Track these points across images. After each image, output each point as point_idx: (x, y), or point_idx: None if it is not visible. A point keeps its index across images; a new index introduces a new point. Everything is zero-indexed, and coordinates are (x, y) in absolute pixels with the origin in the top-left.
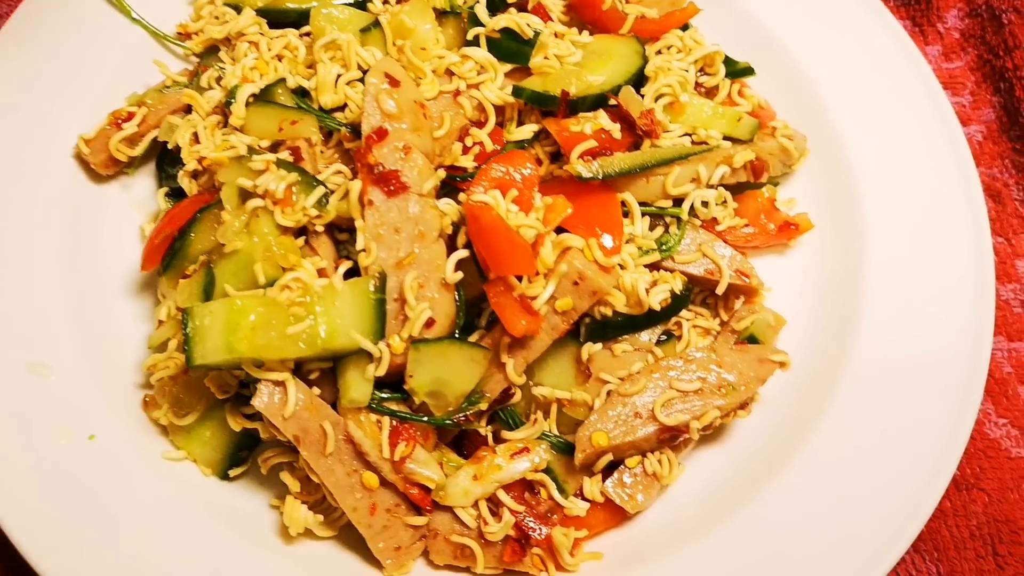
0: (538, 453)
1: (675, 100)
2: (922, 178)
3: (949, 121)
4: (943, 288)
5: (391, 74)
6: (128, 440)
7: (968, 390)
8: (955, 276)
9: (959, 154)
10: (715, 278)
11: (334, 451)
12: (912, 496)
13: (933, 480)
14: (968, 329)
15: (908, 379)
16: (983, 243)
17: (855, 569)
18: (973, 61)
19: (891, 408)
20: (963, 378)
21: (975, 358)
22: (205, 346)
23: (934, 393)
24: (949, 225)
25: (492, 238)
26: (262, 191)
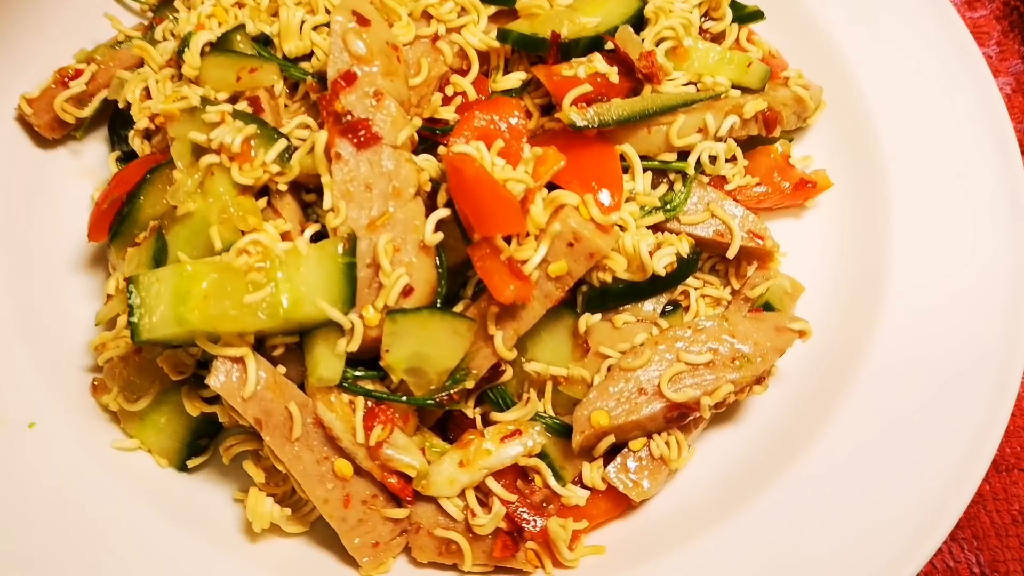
0: (531, 436)
1: (678, 44)
2: (951, 133)
3: (979, 69)
4: (976, 251)
5: (360, 12)
6: (74, 428)
7: (1008, 362)
8: (989, 239)
9: (991, 106)
10: (725, 240)
11: (302, 436)
12: (948, 480)
13: (972, 462)
14: (1005, 296)
15: (941, 352)
16: (1019, 198)
17: (885, 563)
18: (999, 9)
19: (923, 384)
20: (1002, 350)
21: (1015, 327)
22: (152, 319)
23: (970, 366)
24: (982, 183)
25: (476, 194)
26: (217, 146)
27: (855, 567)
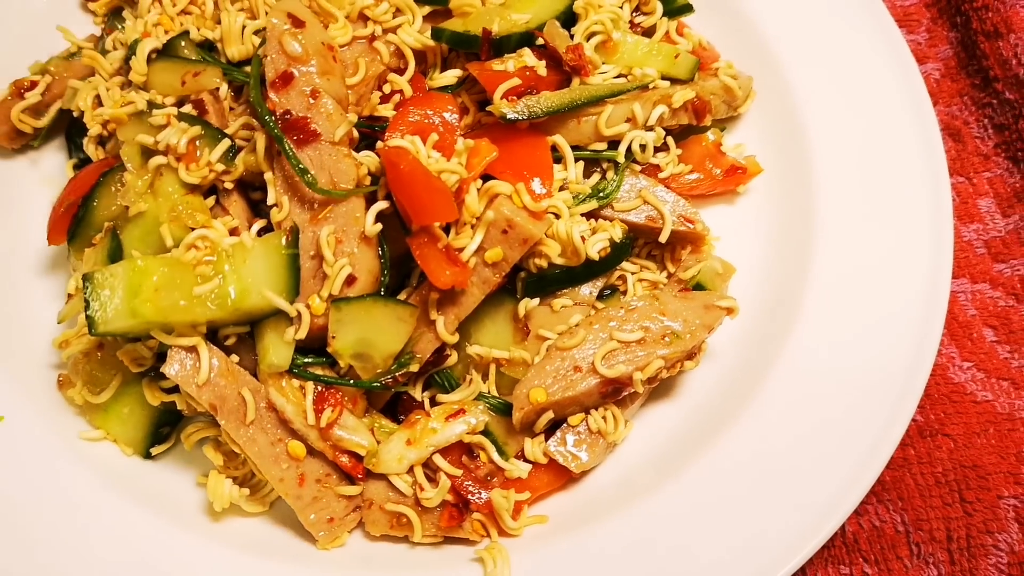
0: (475, 414)
1: (608, 38)
2: (875, 117)
3: (903, 57)
4: (899, 230)
5: (295, 14)
6: (42, 421)
7: (926, 333)
8: (911, 217)
9: (914, 91)
10: (657, 225)
11: (255, 419)
12: (869, 442)
13: (890, 425)
14: (925, 270)
15: (864, 323)
16: (940, 182)
17: (813, 518)
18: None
19: (846, 353)
20: (920, 320)
21: (933, 299)
22: (107, 312)
23: (891, 337)
24: (904, 166)
25: (411, 185)
26: (164, 147)
27: (785, 521)
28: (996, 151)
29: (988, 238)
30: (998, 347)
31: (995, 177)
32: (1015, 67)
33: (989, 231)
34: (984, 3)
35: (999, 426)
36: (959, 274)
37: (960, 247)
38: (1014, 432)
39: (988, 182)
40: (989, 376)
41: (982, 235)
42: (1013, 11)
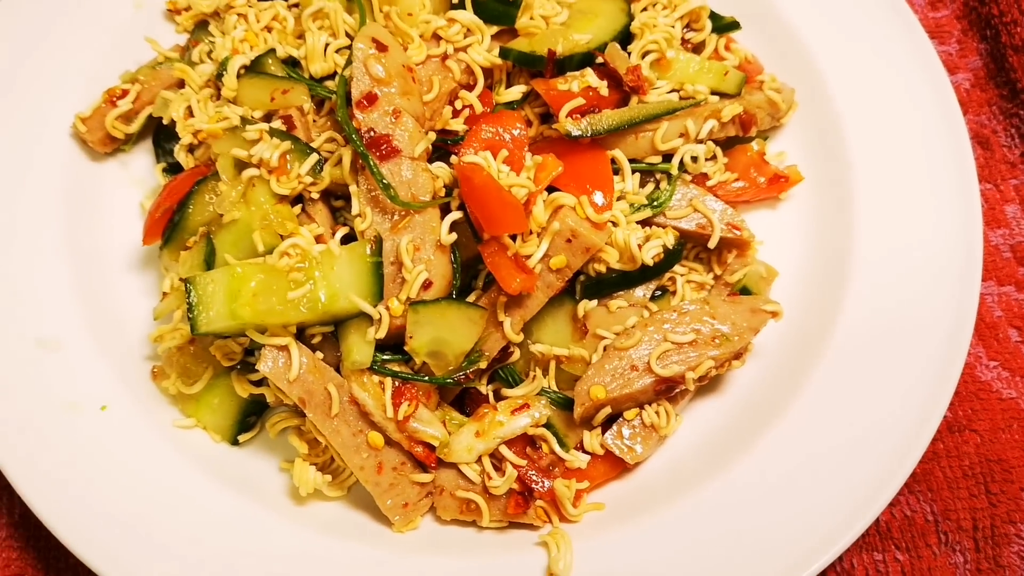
0: (538, 408)
1: (662, 56)
2: (909, 127)
3: (935, 69)
4: (932, 235)
5: (378, 39)
6: (139, 410)
7: (957, 334)
8: (943, 222)
9: (946, 102)
10: (707, 232)
11: (339, 412)
12: (904, 438)
13: (924, 422)
14: (956, 274)
15: (899, 325)
16: (970, 189)
17: (851, 508)
18: (959, 9)
19: (883, 354)
20: (952, 322)
21: (963, 302)
22: (209, 314)
23: (924, 338)
24: (936, 173)
25: (484, 198)
26: (257, 160)
27: (826, 511)
28: (1022, 159)
29: (1014, 243)
30: (1022, 346)
31: (1021, 184)
32: None
33: (1015, 236)
34: (1013, 18)
35: (1022, 422)
36: (986, 277)
37: (988, 251)
38: None
39: (1015, 189)
40: (1014, 375)
41: (1008, 240)
42: None
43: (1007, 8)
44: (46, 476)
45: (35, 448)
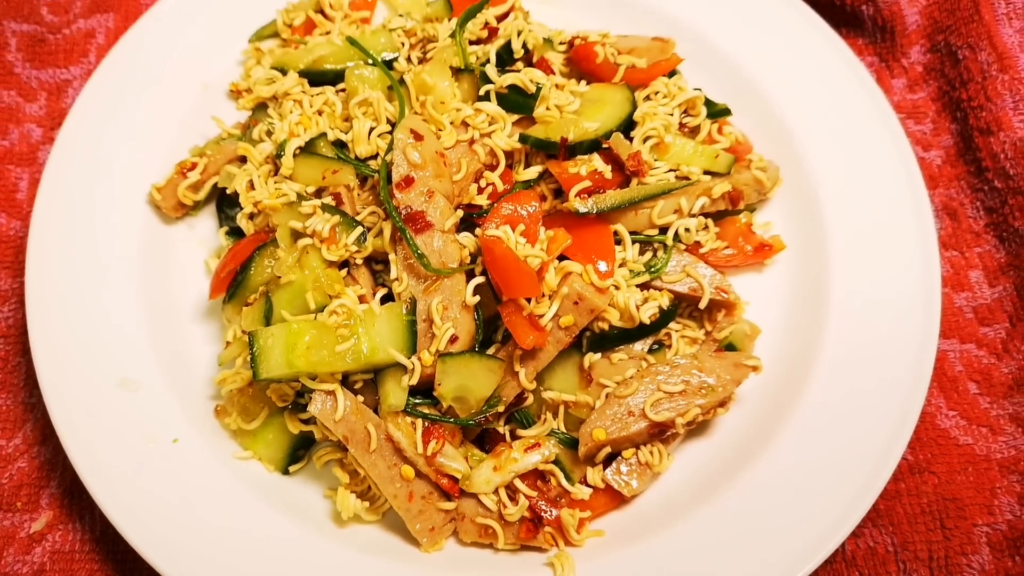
0: (548, 447)
1: (660, 141)
2: (880, 203)
3: (904, 150)
4: (896, 299)
5: (415, 130)
6: (205, 443)
7: (914, 386)
8: (907, 288)
9: (912, 180)
10: (698, 295)
11: (377, 448)
12: (866, 476)
13: (884, 463)
14: (917, 333)
15: (865, 378)
16: (932, 259)
17: (817, 537)
18: (934, 92)
19: (850, 404)
20: (911, 377)
21: (921, 358)
22: (269, 363)
23: (887, 389)
24: (903, 244)
25: (504, 267)
26: (311, 231)
27: (797, 538)
28: (986, 230)
29: (976, 304)
30: (980, 399)
31: (984, 252)
32: (1002, 160)
33: (977, 299)
34: (980, 103)
35: (977, 466)
36: (950, 335)
37: (952, 312)
38: (989, 471)
39: (978, 256)
40: (971, 423)
41: (971, 302)
42: (1003, 112)
43: (975, 94)
44: (126, 498)
45: (117, 473)
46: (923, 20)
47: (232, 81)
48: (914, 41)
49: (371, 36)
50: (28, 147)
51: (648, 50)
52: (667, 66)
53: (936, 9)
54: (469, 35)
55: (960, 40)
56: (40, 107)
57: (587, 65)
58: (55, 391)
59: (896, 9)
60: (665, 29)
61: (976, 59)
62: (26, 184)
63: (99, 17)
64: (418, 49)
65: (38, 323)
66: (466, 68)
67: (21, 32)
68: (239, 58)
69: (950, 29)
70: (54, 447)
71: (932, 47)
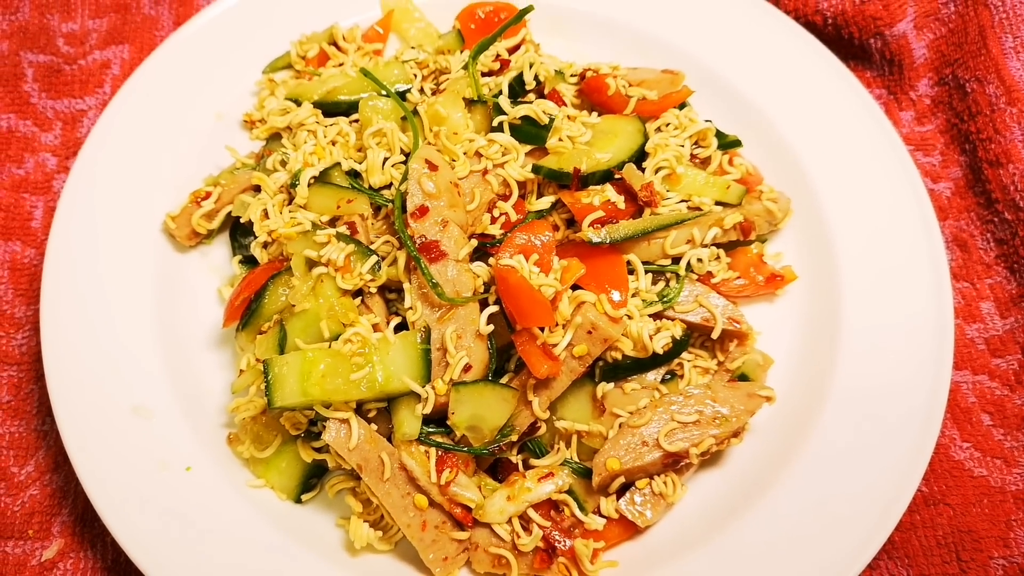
0: (561, 477)
1: (672, 172)
2: (891, 233)
3: (915, 182)
4: (909, 330)
5: (430, 160)
6: (218, 471)
7: (929, 417)
8: (920, 319)
9: (923, 211)
10: (711, 324)
11: (390, 477)
12: (881, 509)
13: (899, 494)
14: (930, 365)
15: (879, 409)
16: (943, 290)
17: (833, 569)
18: (943, 125)
19: (864, 435)
20: (925, 408)
21: (935, 389)
22: (284, 391)
23: (901, 421)
24: (914, 274)
25: (517, 296)
26: (325, 260)
27: (810, 571)
28: (997, 261)
29: (988, 336)
30: (993, 430)
31: (995, 284)
32: (1012, 192)
33: (989, 330)
34: (988, 135)
35: (992, 498)
36: (962, 366)
37: (964, 343)
38: (1004, 503)
39: (990, 288)
40: (985, 455)
41: (983, 333)
42: (1012, 144)
43: (983, 126)
44: (139, 526)
45: (130, 501)
46: (931, 53)
47: (246, 112)
48: (922, 74)
49: (384, 68)
50: (43, 176)
51: (658, 82)
52: (678, 98)
53: (944, 43)
54: (481, 67)
55: (968, 73)
56: (55, 137)
57: (599, 97)
58: (68, 418)
59: (904, 43)
60: (675, 61)
61: (984, 92)
62: (41, 212)
63: (114, 48)
64: (431, 81)
65: (52, 350)
66: (479, 99)
67: (38, 63)
68: (253, 89)
69: (958, 62)
70: (66, 475)
71: (940, 80)
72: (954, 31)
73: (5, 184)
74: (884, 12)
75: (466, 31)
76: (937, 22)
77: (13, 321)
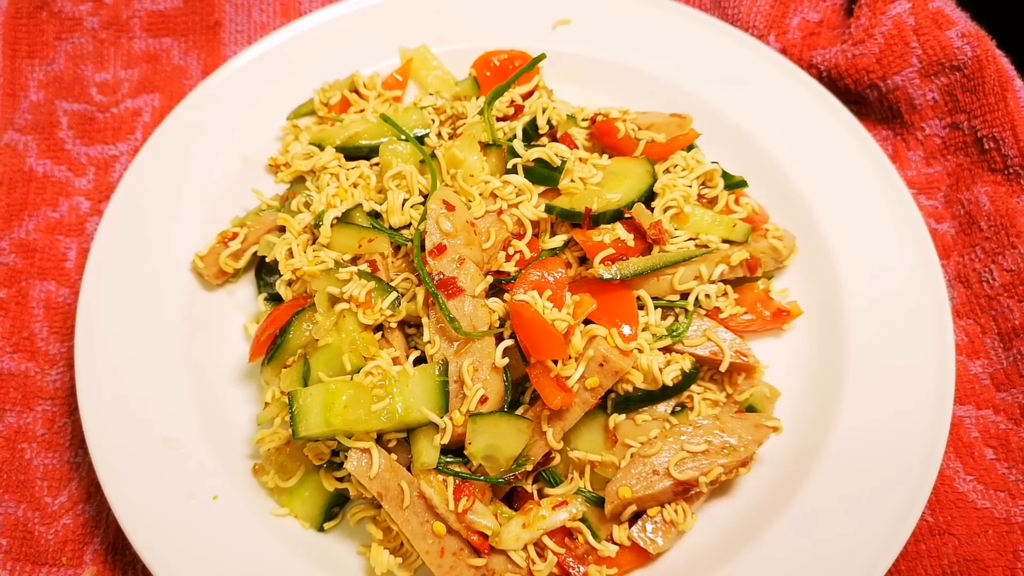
0: (575, 505)
1: (680, 211)
2: (894, 270)
3: (917, 221)
4: (912, 365)
5: (447, 201)
6: (244, 500)
7: (931, 449)
8: (921, 355)
9: (926, 252)
10: (719, 358)
11: (410, 505)
12: (886, 537)
13: (903, 523)
14: (932, 399)
15: (883, 441)
16: (945, 326)
17: None
18: (951, 168)
19: (868, 465)
20: (928, 439)
21: (937, 422)
22: (308, 421)
23: (905, 451)
24: (917, 311)
25: (531, 330)
26: (348, 296)
27: None
28: (999, 292)
29: (992, 371)
30: (996, 464)
31: (999, 315)
32: None
33: (994, 364)
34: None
35: (997, 528)
36: (966, 401)
37: (968, 379)
38: (1010, 534)
39: (993, 320)
40: (988, 488)
41: (987, 368)
42: None
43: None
44: (168, 553)
45: (159, 529)
46: (941, 97)
47: (271, 156)
48: (929, 116)
49: (403, 113)
50: (77, 219)
51: (667, 125)
52: (685, 140)
53: (959, 88)
54: (496, 112)
55: (986, 129)
56: (88, 181)
57: (609, 140)
58: (101, 449)
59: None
60: (682, 105)
61: (1000, 152)
62: (74, 254)
63: (145, 97)
64: (448, 125)
65: (86, 384)
66: (494, 143)
67: (72, 111)
68: (278, 135)
69: (972, 113)
70: (98, 505)
71: (953, 124)
72: (970, 77)
73: (41, 227)
74: (876, 65)
75: (482, 78)
76: (949, 69)
77: (48, 358)
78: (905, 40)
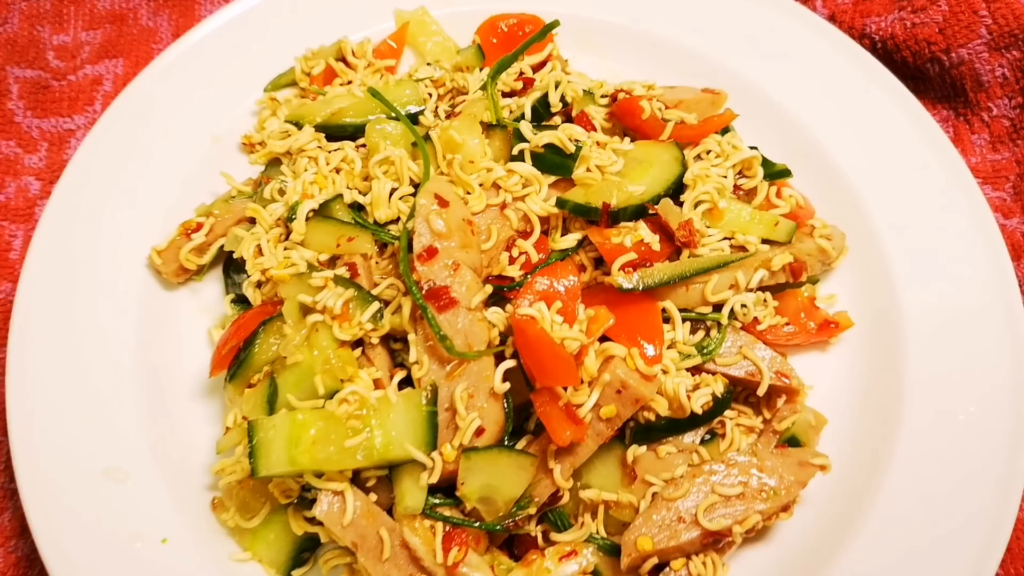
0: (586, 556)
1: (714, 206)
2: (960, 275)
3: (986, 217)
4: (982, 386)
5: (440, 195)
6: (198, 543)
7: (1007, 496)
8: (992, 375)
9: (996, 252)
10: (756, 379)
11: (390, 556)
12: None
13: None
14: (1006, 435)
15: (949, 482)
16: (1019, 337)
17: None
18: (1020, 153)
19: (932, 510)
20: (1002, 484)
21: (1014, 462)
22: (269, 458)
23: (974, 492)
24: (986, 322)
25: (537, 351)
26: (321, 307)
27: None
28: None
29: None
30: None
31: None
32: None
33: None
34: None
35: None
36: None
37: None
38: None
39: None
40: None
41: None
42: None
43: None
44: None
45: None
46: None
47: (245, 134)
48: (998, 95)
49: (395, 87)
50: (25, 202)
51: (698, 103)
52: (720, 122)
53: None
54: (502, 86)
55: None
56: (40, 159)
57: (631, 121)
58: (31, 481)
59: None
60: (717, 79)
61: None
62: (20, 243)
63: (108, 63)
64: (446, 101)
65: (18, 400)
66: (498, 124)
67: (24, 78)
68: (253, 109)
69: None
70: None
71: None
72: None
73: None
74: (939, 36)
75: (487, 46)
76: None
77: None
78: (973, 7)
